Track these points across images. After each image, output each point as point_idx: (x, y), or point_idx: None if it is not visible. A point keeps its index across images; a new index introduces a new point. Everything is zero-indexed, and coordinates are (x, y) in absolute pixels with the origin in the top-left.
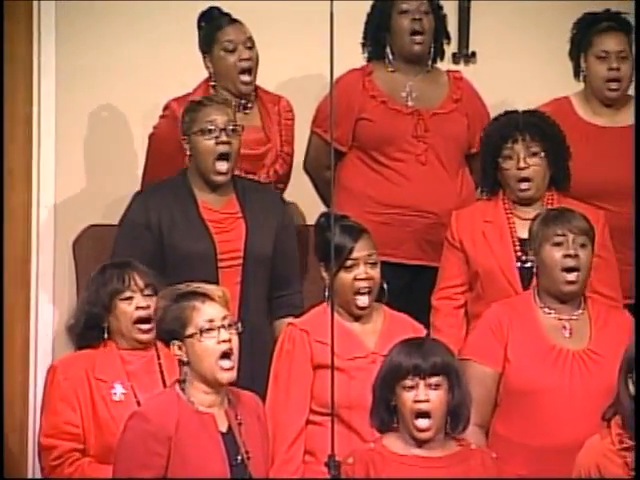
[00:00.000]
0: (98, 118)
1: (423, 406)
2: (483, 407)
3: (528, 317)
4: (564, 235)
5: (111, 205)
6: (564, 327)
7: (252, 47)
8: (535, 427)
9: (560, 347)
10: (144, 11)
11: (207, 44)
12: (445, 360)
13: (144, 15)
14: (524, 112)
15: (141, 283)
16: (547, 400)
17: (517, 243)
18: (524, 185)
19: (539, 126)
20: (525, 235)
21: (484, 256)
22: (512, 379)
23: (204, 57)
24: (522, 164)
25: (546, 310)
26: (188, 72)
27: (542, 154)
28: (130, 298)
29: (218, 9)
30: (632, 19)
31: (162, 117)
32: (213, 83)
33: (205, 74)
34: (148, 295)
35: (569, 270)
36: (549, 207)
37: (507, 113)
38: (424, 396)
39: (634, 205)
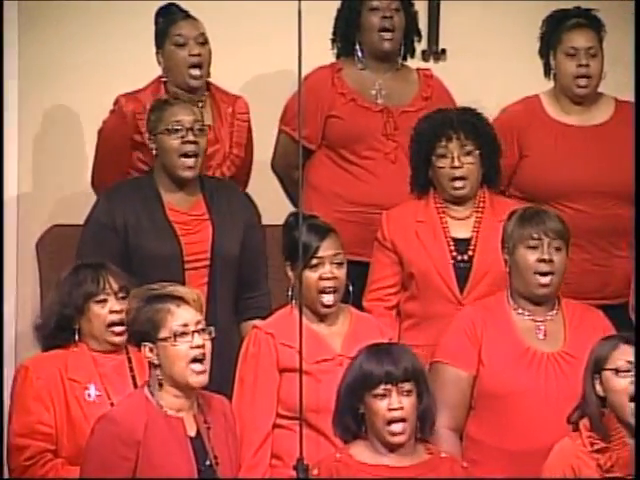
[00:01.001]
0: (55, 118)
1: (397, 414)
2: (458, 411)
3: (502, 319)
4: (539, 239)
5: (69, 204)
6: (538, 329)
7: (204, 43)
8: (510, 430)
9: (534, 349)
10: (102, 12)
11: (160, 39)
12: (414, 365)
13: (102, 16)
14: (456, 110)
15: (115, 286)
16: (521, 403)
17: (451, 243)
18: (458, 184)
19: (473, 124)
20: (458, 235)
21: (418, 257)
22: (486, 382)
23: (157, 53)
24: (457, 163)
25: (520, 311)
26: (146, 72)
27: (476, 153)
28: (104, 301)
29: (177, 5)
30: (602, 16)
31: (111, 112)
32: (164, 79)
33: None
34: (122, 298)
35: (543, 274)
36: (482, 207)
37: (439, 111)
38: (398, 404)
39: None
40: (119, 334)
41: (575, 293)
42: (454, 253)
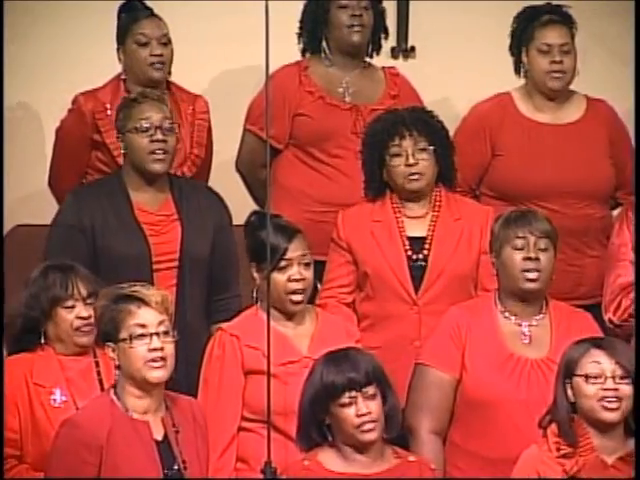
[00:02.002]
0: (15, 116)
1: (366, 418)
2: (440, 414)
3: (487, 322)
4: (525, 238)
5: (31, 204)
6: (524, 334)
7: (167, 44)
8: (492, 438)
9: (519, 355)
10: (61, 9)
11: (122, 36)
12: (374, 367)
13: (61, 13)
14: (406, 109)
15: (84, 291)
16: (504, 410)
17: (407, 242)
18: (414, 178)
19: (426, 122)
20: (414, 234)
21: (373, 256)
22: (469, 388)
23: (118, 49)
24: (411, 160)
25: (506, 315)
26: (107, 70)
27: (430, 149)
28: (72, 307)
29: (141, 2)
30: (574, 12)
31: (69, 111)
32: (124, 77)
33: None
34: (90, 304)
35: (530, 271)
36: (439, 205)
37: (390, 112)
38: (365, 409)
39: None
40: (86, 333)
41: (549, 293)
42: (409, 252)
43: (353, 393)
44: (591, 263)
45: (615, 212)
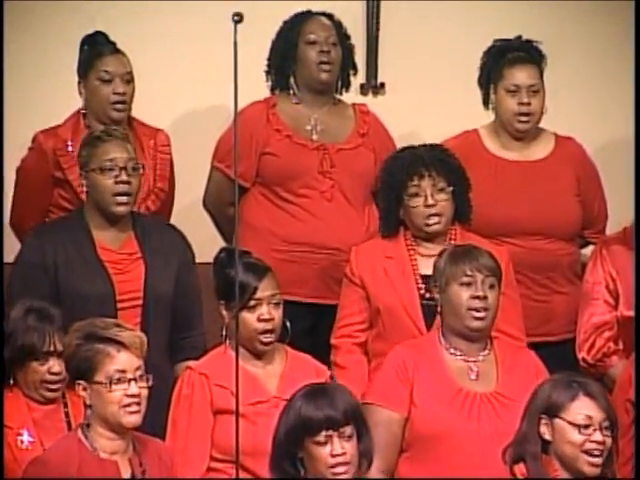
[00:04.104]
0: None
1: (341, 459)
2: (389, 453)
3: (433, 359)
4: (473, 275)
5: None
6: (470, 369)
7: (130, 81)
8: (443, 472)
9: (467, 390)
10: (16, 45)
11: (84, 69)
12: (353, 406)
13: (17, 48)
14: (424, 147)
15: (59, 345)
16: (454, 444)
17: (420, 280)
18: (433, 220)
19: (444, 161)
20: (428, 272)
21: (386, 293)
22: (418, 424)
23: (79, 82)
24: (430, 201)
25: (452, 351)
26: (65, 106)
27: (449, 189)
28: (45, 360)
29: (105, 35)
30: (544, 48)
31: (30, 149)
32: (84, 111)
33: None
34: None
35: (477, 310)
36: (454, 243)
37: (406, 149)
38: (340, 449)
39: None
40: (54, 390)
41: None
42: (422, 290)
43: (330, 432)
44: (558, 299)
45: (584, 250)
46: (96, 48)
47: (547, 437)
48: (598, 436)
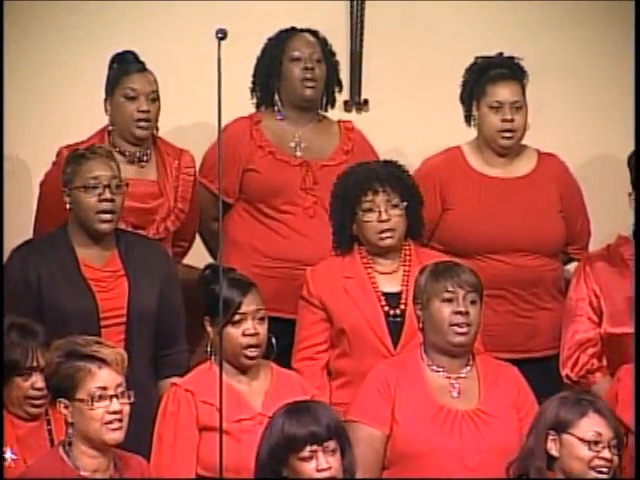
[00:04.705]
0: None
1: (326, 474)
2: (371, 470)
3: (415, 376)
4: (454, 291)
5: None
6: (452, 387)
7: (155, 100)
8: None
9: (448, 407)
10: (51, 58)
11: (111, 87)
12: (336, 421)
13: (51, 62)
14: (378, 162)
15: (42, 360)
16: (436, 462)
17: (382, 297)
18: (386, 235)
19: (398, 177)
20: (388, 289)
21: (349, 313)
22: (400, 441)
23: (105, 100)
24: (384, 216)
25: (434, 368)
26: (96, 121)
27: (402, 205)
28: (29, 375)
29: (134, 54)
30: (525, 64)
31: (53, 164)
32: (110, 128)
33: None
34: None
35: (459, 326)
36: (409, 259)
37: (360, 164)
38: (325, 464)
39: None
40: (37, 406)
41: (501, 346)
42: (386, 308)
43: (314, 447)
44: (543, 315)
45: (568, 267)
46: (124, 66)
47: (554, 453)
48: (607, 453)
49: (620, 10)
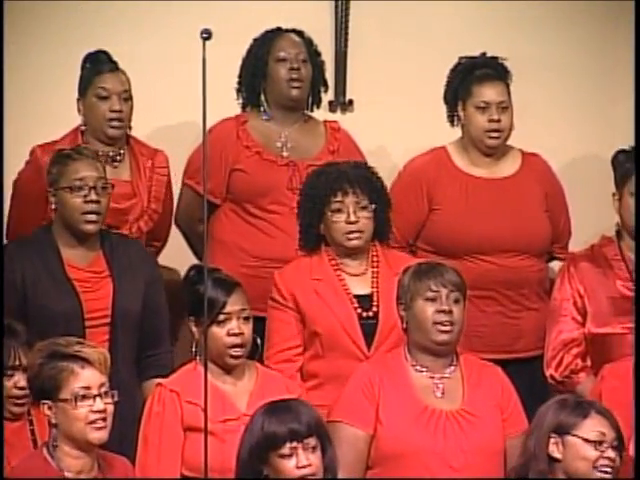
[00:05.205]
0: None
1: (306, 471)
2: (355, 470)
3: (399, 376)
4: (438, 290)
5: None
6: (436, 387)
7: (128, 99)
8: None
9: (432, 408)
10: (20, 58)
11: (83, 87)
12: (316, 419)
13: (20, 62)
14: (347, 164)
15: (24, 360)
16: (420, 462)
17: (354, 300)
18: (354, 236)
19: (368, 178)
20: (358, 292)
21: (323, 316)
22: (384, 442)
23: (78, 100)
24: (353, 218)
25: (418, 368)
26: (67, 121)
27: (371, 207)
28: (11, 375)
29: (106, 54)
30: (509, 64)
31: (27, 163)
32: (83, 128)
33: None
34: None
35: (442, 324)
36: (376, 260)
37: (330, 165)
38: (306, 461)
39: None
40: (20, 405)
41: (488, 347)
42: (358, 310)
43: (294, 444)
44: (529, 316)
45: (552, 266)
46: (96, 66)
47: (556, 455)
48: (611, 453)
49: (604, 11)
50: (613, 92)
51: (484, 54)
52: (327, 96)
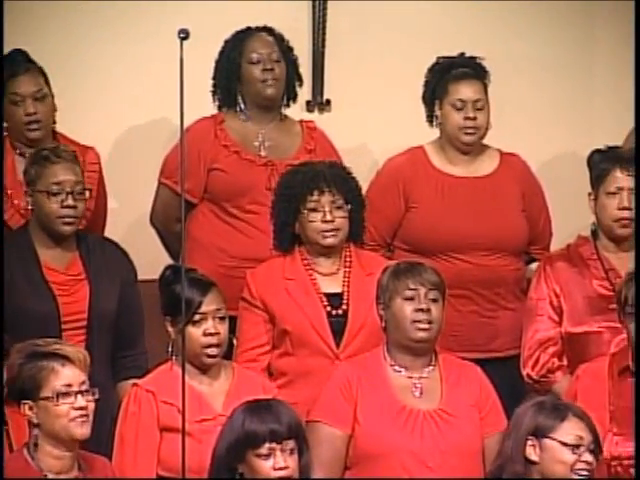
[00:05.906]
0: None
1: (283, 473)
2: (333, 470)
3: (377, 376)
4: (416, 289)
5: None
6: (415, 386)
7: (43, 97)
8: None
9: (410, 408)
10: None
11: (1, 90)
12: (296, 421)
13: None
14: (323, 163)
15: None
16: (398, 462)
17: (324, 298)
18: (329, 234)
19: (343, 178)
20: (329, 290)
21: (292, 314)
22: (362, 442)
23: None
24: (329, 217)
25: (396, 368)
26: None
27: (346, 207)
28: None
29: (24, 53)
30: (487, 64)
31: None
32: (6, 133)
33: None
34: None
35: (421, 322)
36: (349, 260)
37: (306, 164)
38: (283, 463)
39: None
40: None
41: (463, 346)
42: (328, 308)
43: (273, 445)
44: (505, 315)
45: (530, 266)
46: (11, 68)
47: (533, 458)
48: (588, 456)
49: (582, 10)
50: (591, 92)
51: (462, 54)
52: (304, 96)
